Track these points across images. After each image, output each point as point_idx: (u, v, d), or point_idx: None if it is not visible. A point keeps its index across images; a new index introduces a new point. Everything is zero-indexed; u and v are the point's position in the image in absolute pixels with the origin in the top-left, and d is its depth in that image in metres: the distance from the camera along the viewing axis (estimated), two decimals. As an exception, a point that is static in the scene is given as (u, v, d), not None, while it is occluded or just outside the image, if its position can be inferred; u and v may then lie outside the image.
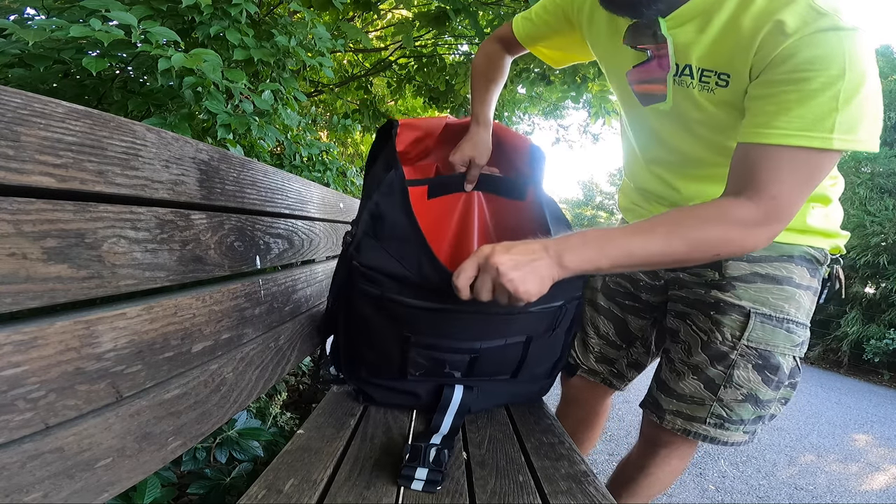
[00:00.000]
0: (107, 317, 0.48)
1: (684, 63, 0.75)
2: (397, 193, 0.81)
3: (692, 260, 0.69)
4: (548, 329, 0.88)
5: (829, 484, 2.30)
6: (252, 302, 0.78)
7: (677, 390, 0.88)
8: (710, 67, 0.72)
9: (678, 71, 0.76)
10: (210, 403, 0.63)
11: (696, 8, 0.71)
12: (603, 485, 0.61)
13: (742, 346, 0.82)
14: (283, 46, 1.57)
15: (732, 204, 0.67)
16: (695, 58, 0.73)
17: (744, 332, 0.82)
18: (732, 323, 0.83)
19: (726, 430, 0.85)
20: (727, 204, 0.68)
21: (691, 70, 0.74)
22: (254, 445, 1.15)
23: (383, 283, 0.77)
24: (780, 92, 0.63)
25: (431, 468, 0.55)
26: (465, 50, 3.71)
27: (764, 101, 0.65)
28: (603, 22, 0.86)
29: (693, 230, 0.67)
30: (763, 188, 0.64)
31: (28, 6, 1.41)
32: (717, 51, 0.70)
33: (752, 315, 0.82)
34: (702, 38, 0.71)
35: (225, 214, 0.74)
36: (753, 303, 0.82)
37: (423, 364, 0.83)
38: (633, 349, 1.05)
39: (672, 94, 0.80)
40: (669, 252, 0.67)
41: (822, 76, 0.59)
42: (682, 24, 0.73)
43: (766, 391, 0.83)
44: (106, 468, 0.46)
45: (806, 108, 0.60)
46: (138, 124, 0.56)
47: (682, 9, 0.71)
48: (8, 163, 0.40)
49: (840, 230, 0.87)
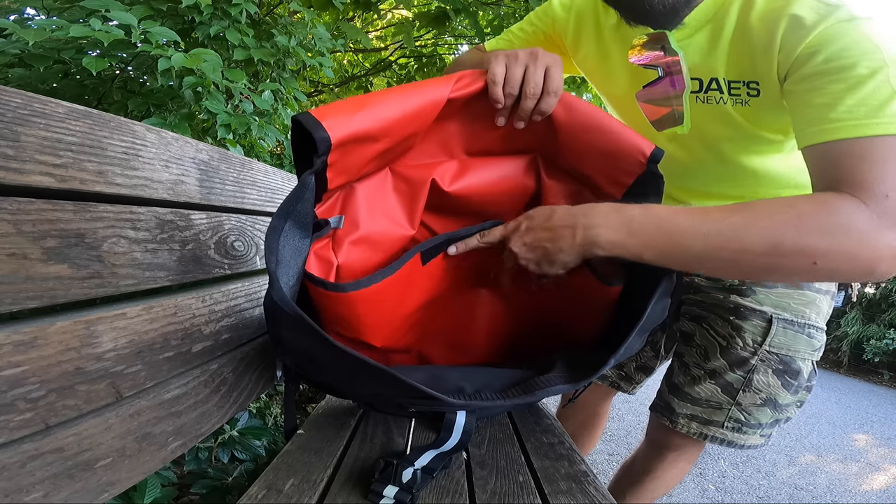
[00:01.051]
0: (107, 317, 0.48)
1: (709, 77, 0.70)
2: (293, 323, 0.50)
3: (772, 268, 0.54)
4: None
5: (829, 484, 2.30)
6: (252, 302, 0.78)
7: (692, 394, 0.88)
8: (736, 78, 0.67)
9: (704, 87, 0.71)
10: (210, 403, 0.63)
11: (704, 17, 0.68)
12: (603, 485, 0.61)
13: (763, 352, 0.81)
14: (283, 46, 1.57)
15: (839, 197, 0.53)
16: (721, 70, 0.68)
17: (766, 338, 0.81)
18: (754, 328, 0.82)
19: (744, 433, 0.85)
20: (832, 197, 0.53)
21: (719, 84, 0.69)
22: (256, 445, 1.15)
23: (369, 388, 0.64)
24: (825, 84, 0.56)
25: (402, 487, 0.54)
26: (465, 50, 3.71)
27: (810, 96, 0.58)
28: (591, 46, 0.83)
29: (768, 216, 0.53)
30: (863, 185, 0.52)
31: (28, 6, 1.41)
32: (737, 59, 0.66)
33: (774, 321, 0.81)
34: (718, 47, 0.67)
35: (225, 214, 0.74)
36: (775, 308, 0.81)
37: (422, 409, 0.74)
38: (641, 353, 1.05)
39: (690, 114, 0.74)
40: (740, 248, 0.53)
41: (863, 63, 0.54)
42: (692, 35, 0.69)
43: (786, 395, 0.83)
44: (106, 468, 0.46)
45: (862, 95, 0.54)
46: (138, 124, 0.56)
47: (689, 19, 0.67)
48: (8, 163, 0.40)
49: None
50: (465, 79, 0.65)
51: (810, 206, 0.53)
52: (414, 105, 0.62)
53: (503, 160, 0.77)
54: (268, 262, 0.49)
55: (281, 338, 0.54)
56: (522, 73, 0.64)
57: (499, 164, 0.76)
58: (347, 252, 0.69)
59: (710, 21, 0.68)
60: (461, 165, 0.75)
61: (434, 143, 0.73)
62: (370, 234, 0.71)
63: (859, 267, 0.53)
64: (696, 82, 0.71)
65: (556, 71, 0.65)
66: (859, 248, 0.52)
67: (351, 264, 0.69)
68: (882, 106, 0.53)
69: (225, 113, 1.28)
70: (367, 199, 0.71)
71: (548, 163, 0.77)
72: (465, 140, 0.74)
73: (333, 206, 0.69)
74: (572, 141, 0.70)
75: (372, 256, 0.72)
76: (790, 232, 0.52)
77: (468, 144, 0.75)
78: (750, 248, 0.53)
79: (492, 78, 0.64)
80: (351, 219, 0.70)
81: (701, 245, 0.55)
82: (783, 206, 0.55)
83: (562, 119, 0.68)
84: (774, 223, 0.53)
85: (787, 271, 0.55)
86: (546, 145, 0.74)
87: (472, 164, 0.75)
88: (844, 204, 0.52)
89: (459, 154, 0.75)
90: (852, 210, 0.52)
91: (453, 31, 3.38)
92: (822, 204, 0.53)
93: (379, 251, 0.72)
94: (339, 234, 0.69)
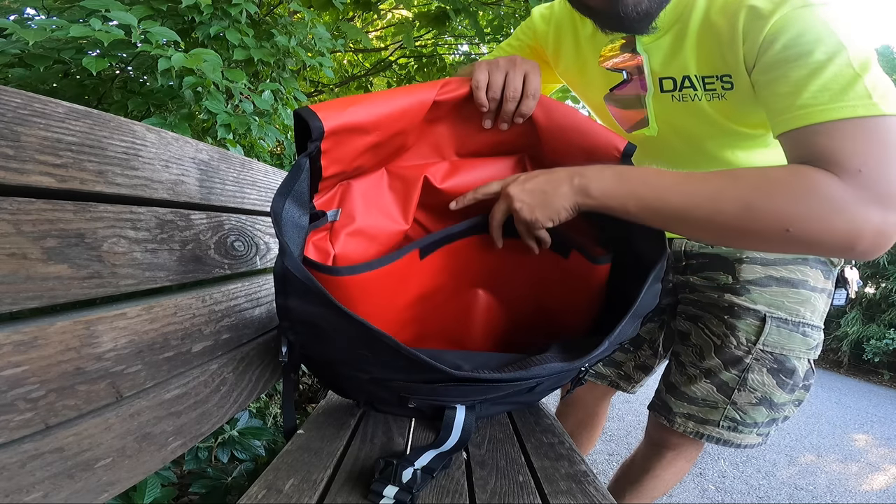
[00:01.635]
0: (107, 317, 0.48)
1: (682, 75, 0.72)
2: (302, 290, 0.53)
3: (744, 231, 0.56)
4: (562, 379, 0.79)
5: (829, 484, 2.30)
6: (252, 302, 0.78)
7: (688, 393, 0.88)
8: (709, 73, 0.69)
9: (677, 85, 0.73)
10: (210, 403, 0.63)
11: (671, 18, 0.70)
12: (603, 485, 0.61)
13: (757, 351, 0.82)
14: (283, 46, 1.57)
15: (813, 168, 0.54)
16: (693, 67, 0.70)
17: (759, 337, 0.81)
18: (748, 327, 0.82)
19: (740, 432, 0.85)
20: (806, 167, 0.55)
21: (692, 82, 0.71)
22: (255, 445, 1.15)
23: (371, 370, 0.63)
24: (787, 71, 0.58)
25: (402, 487, 0.54)
26: (465, 50, 3.71)
27: (776, 85, 0.60)
28: (571, 56, 0.85)
29: (744, 180, 0.56)
30: (836, 161, 0.53)
31: (28, 6, 1.41)
32: (707, 55, 0.68)
33: (767, 319, 0.81)
34: (686, 45, 0.69)
35: (225, 214, 0.74)
36: (769, 307, 0.82)
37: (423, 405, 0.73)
38: (640, 352, 1.05)
39: (668, 115, 0.77)
40: (714, 209, 0.56)
41: (819, 49, 0.56)
42: (661, 36, 0.71)
43: (781, 394, 0.83)
44: (106, 468, 0.46)
45: (824, 80, 0.55)
46: (138, 124, 0.56)
47: (658, 22, 0.69)
48: (8, 163, 0.40)
49: None
50: (450, 84, 0.71)
51: (783, 173, 0.56)
52: (402, 104, 0.67)
53: (492, 160, 0.81)
54: (277, 233, 0.54)
55: (289, 309, 0.56)
56: (503, 78, 0.70)
57: (488, 164, 0.81)
58: (344, 243, 0.73)
59: (677, 21, 0.70)
60: (452, 166, 0.79)
61: (427, 146, 0.78)
62: (366, 228, 0.75)
63: (837, 240, 0.53)
64: (670, 81, 0.73)
65: (533, 76, 0.71)
66: (833, 216, 0.53)
67: (347, 254, 0.73)
68: (845, 89, 0.55)
69: (225, 113, 1.28)
70: (363, 195, 0.75)
71: (534, 162, 0.81)
72: (455, 143, 0.79)
73: (331, 200, 0.73)
74: (553, 140, 0.74)
75: (368, 248, 0.75)
76: (761, 196, 0.55)
77: (459, 147, 0.79)
78: (723, 209, 0.56)
79: (475, 84, 0.69)
80: (347, 212, 0.74)
81: (680, 202, 0.58)
82: (758, 172, 0.57)
83: (542, 121, 0.73)
84: (748, 186, 0.56)
85: (759, 237, 0.57)
86: (531, 146, 0.78)
87: (463, 164, 0.80)
88: (818, 174, 0.54)
89: (451, 156, 0.80)
90: (825, 179, 0.53)
91: (453, 31, 3.38)
92: (795, 172, 0.55)
93: (374, 243, 0.76)
94: (336, 227, 0.73)
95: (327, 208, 0.72)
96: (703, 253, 0.89)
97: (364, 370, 0.64)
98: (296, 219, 0.60)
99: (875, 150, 0.53)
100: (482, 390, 0.66)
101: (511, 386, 0.64)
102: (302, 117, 0.60)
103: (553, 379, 0.70)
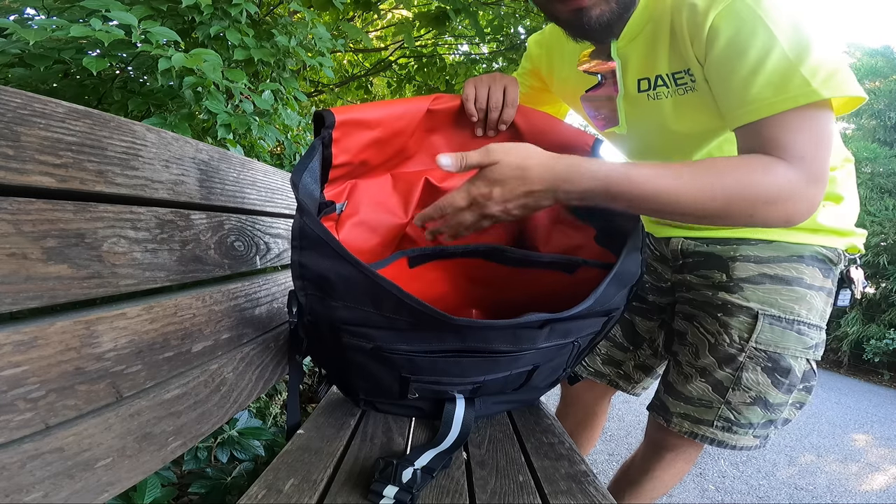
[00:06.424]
0: (107, 317, 0.48)
1: (655, 75, 0.75)
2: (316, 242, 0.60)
3: (715, 214, 0.62)
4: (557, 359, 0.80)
5: (829, 484, 2.30)
6: (252, 302, 0.78)
7: (685, 393, 0.88)
8: (678, 69, 0.73)
9: (651, 84, 0.77)
10: (210, 403, 0.63)
11: (642, 21, 0.73)
12: (603, 485, 0.61)
13: (750, 349, 0.81)
14: (283, 46, 1.56)
15: (768, 158, 0.62)
16: (664, 66, 0.74)
17: (752, 334, 0.81)
18: (740, 325, 0.82)
19: (734, 433, 0.85)
20: (764, 158, 0.62)
21: (664, 80, 0.75)
22: (255, 445, 1.15)
23: (374, 336, 0.65)
24: (732, 69, 0.63)
25: (402, 487, 0.54)
26: (465, 50, 3.71)
27: (725, 82, 0.65)
28: (563, 71, 0.91)
29: (726, 175, 0.61)
30: (783, 149, 0.61)
31: (28, 6, 1.41)
32: (674, 52, 0.72)
33: (759, 316, 0.81)
34: (658, 46, 0.73)
35: (225, 214, 0.74)
36: (761, 304, 0.81)
37: (423, 392, 0.75)
38: (640, 351, 1.05)
39: (626, 115, 0.83)
40: (686, 194, 0.61)
41: (755, 44, 0.61)
42: (633, 39, 0.75)
43: (776, 394, 0.82)
44: (106, 468, 0.46)
45: (765, 75, 0.60)
46: (138, 124, 0.56)
47: (629, 27, 0.74)
48: (8, 163, 0.40)
49: (855, 228, 0.85)
50: (442, 98, 0.84)
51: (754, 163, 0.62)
52: (401, 107, 0.81)
53: None
54: (296, 195, 0.62)
55: (303, 265, 0.62)
56: (487, 91, 0.83)
57: None
58: (348, 231, 0.83)
59: (648, 22, 0.73)
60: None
61: (427, 155, 0.89)
62: (369, 220, 0.85)
63: (781, 216, 0.62)
64: (645, 82, 0.78)
65: (512, 88, 0.84)
66: (787, 199, 0.61)
67: (350, 242, 0.83)
68: (785, 81, 0.60)
69: (225, 113, 1.28)
70: (368, 193, 0.86)
71: None
72: (452, 151, 0.87)
73: (340, 195, 0.83)
74: (535, 142, 0.79)
75: (369, 239, 0.86)
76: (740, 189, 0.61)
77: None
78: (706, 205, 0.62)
79: (465, 97, 0.83)
80: (353, 205, 0.85)
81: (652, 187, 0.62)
82: (731, 166, 0.63)
83: (523, 126, 0.85)
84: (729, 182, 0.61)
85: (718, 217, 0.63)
86: None
87: None
88: (775, 163, 0.61)
89: None
90: (781, 166, 0.61)
91: (453, 31, 3.38)
92: (761, 163, 0.62)
93: (376, 235, 0.86)
94: (343, 218, 0.83)
95: (336, 201, 0.81)
96: (698, 251, 0.89)
97: (368, 337, 0.65)
98: (309, 187, 0.68)
99: (813, 137, 0.61)
100: (481, 366, 0.68)
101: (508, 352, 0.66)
102: (320, 113, 0.73)
103: (548, 353, 0.72)
